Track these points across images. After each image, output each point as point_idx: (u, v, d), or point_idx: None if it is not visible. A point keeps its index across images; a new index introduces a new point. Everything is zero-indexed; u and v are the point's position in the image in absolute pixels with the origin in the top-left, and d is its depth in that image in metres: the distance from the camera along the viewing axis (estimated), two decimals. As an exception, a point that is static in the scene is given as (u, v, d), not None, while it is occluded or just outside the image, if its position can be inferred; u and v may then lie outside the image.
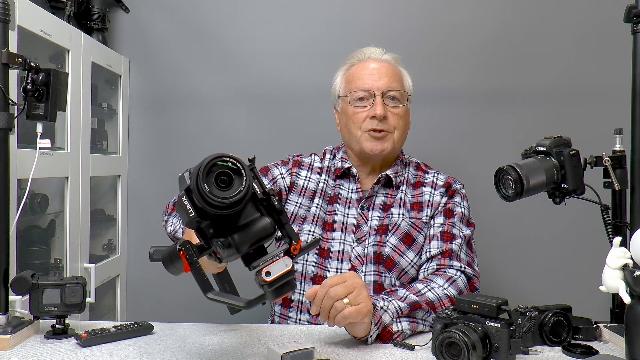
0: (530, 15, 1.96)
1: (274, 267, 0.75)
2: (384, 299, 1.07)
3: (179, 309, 2.01)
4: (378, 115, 1.27)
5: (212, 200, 0.69)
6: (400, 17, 1.99)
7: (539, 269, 1.96)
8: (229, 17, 2.04)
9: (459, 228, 1.27)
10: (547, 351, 1.00)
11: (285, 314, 1.31)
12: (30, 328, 1.07)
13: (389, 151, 1.31)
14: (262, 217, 0.75)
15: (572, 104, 1.94)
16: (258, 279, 0.75)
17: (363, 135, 1.30)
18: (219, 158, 0.71)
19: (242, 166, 0.71)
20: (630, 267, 0.90)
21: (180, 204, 0.73)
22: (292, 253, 0.77)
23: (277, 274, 0.74)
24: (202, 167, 0.70)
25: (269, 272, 0.74)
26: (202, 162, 0.70)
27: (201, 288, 0.79)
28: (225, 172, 0.71)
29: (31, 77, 1.08)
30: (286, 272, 0.75)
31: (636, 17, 1.08)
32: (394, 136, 1.31)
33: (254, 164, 0.77)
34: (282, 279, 0.75)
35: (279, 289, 0.76)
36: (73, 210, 1.64)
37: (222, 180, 0.71)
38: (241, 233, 0.74)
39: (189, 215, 0.72)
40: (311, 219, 1.32)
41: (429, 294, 1.12)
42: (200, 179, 0.69)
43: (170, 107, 2.06)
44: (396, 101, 1.31)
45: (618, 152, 1.10)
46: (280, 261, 0.75)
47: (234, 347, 1.02)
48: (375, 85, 1.29)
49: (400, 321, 1.05)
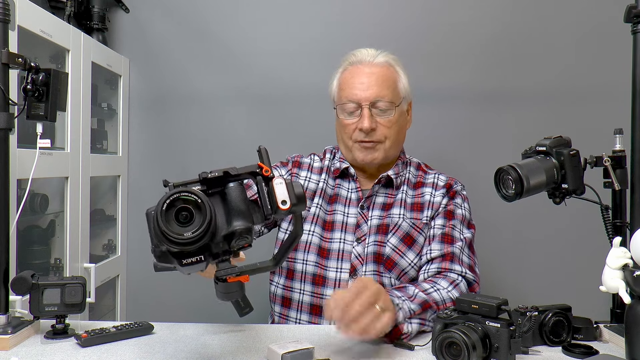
0: (530, 15, 1.96)
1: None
2: (398, 296, 1.06)
3: (179, 309, 2.01)
4: (365, 129, 1.27)
5: (169, 236, 0.68)
6: (400, 17, 1.99)
7: (539, 269, 1.96)
8: (229, 17, 2.04)
9: (460, 230, 1.27)
10: (547, 351, 1.00)
11: (285, 314, 1.31)
12: (30, 328, 1.07)
13: (381, 160, 1.31)
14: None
15: (572, 104, 1.94)
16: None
17: (354, 146, 1.31)
18: (181, 193, 0.69)
19: (203, 201, 0.70)
20: (630, 267, 0.90)
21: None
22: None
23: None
24: (162, 202, 0.69)
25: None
26: (161, 199, 0.69)
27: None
28: (186, 207, 0.69)
29: (31, 77, 1.08)
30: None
31: (636, 17, 1.08)
32: (385, 145, 1.30)
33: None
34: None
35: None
36: (73, 210, 1.64)
37: (183, 215, 0.69)
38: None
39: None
40: (311, 218, 1.32)
41: (435, 295, 1.12)
42: (159, 215, 0.68)
43: (170, 107, 2.06)
44: (385, 111, 1.29)
45: (618, 152, 1.10)
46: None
47: (234, 347, 1.02)
48: (363, 96, 1.28)
49: (411, 322, 1.05)
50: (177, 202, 0.69)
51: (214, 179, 0.75)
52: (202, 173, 0.75)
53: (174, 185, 0.73)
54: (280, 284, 1.32)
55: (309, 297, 1.27)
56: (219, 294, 0.76)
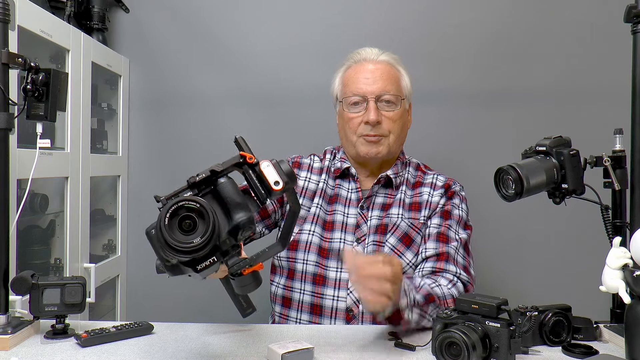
0: (530, 15, 1.96)
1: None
2: (407, 284, 1.06)
3: (179, 309, 2.01)
4: (371, 121, 1.27)
5: (178, 246, 0.68)
6: (400, 17, 1.99)
7: (539, 269, 1.96)
8: (229, 17, 2.03)
9: (455, 231, 1.27)
10: (547, 351, 1.00)
11: (286, 314, 1.31)
12: (30, 328, 1.07)
13: (385, 154, 1.31)
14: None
15: (572, 104, 1.94)
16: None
17: (358, 140, 1.31)
18: (184, 201, 0.69)
19: (203, 205, 0.70)
20: (630, 267, 0.90)
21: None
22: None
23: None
24: (165, 211, 0.69)
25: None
26: (164, 208, 0.69)
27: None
28: (189, 215, 0.69)
29: (31, 77, 1.08)
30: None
31: (636, 17, 1.08)
32: (389, 140, 1.31)
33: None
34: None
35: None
36: (73, 210, 1.64)
37: (187, 224, 0.69)
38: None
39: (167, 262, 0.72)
40: (311, 218, 1.32)
41: (437, 290, 1.13)
42: (164, 228, 0.68)
43: (170, 107, 2.06)
44: (391, 104, 1.30)
45: (618, 152, 1.10)
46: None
47: (234, 347, 1.02)
48: (369, 90, 1.29)
49: (413, 311, 1.05)
50: (181, 211, 0.69)
51: (203, 181, 0.75)
52: (189, 179, 0.75)
53: (166, 198, 0.73)
54: (281, 284, 1.32)
55: (310, 297, 1.27)
56: (238, 289, 0.77)
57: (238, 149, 0.78)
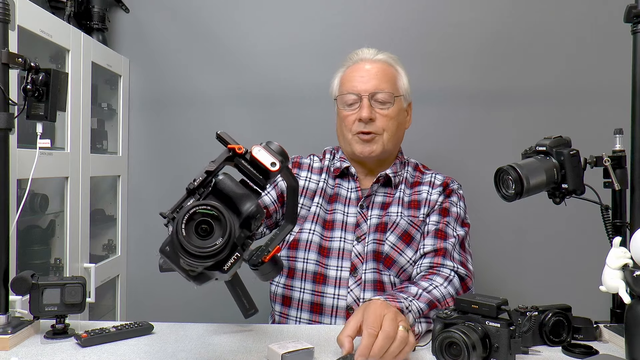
0: (530, 15, 1.96)
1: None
2: (405, 298, 1.04)
3: (179, 309, 2.01)
4: (364, 118, 1.28)
5: (195, 252, 0.67)
6: (400, 17, 1.99)
7: (539, 269, 1.96)
8: (229, 17, 2.04)
9: (453, 228, 1.28)
10: (547, 351, 1.00)
11: (286, 313, 1.31)
12: (30, 328, 1.07)
13: (379, 153, 1.31)
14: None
15: (572, 104, 1.94)
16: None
17: (353, 138, 1.32)
18: (196, 207, 0.68)
19: (222, 213, 0.69)
20: (630, 267, 0.90)
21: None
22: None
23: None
24: (181, 218, 0.67)
25: None
26: (179, 215, 0.68)
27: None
28: (205, 220, 0.68)
29: (31, 77, 1.08)
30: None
31: (636, 17, 1.08)
32: (383, 138, 1.31)
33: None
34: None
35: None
36: (73, 210, 1.64)
37: (203, 229, 0.69)
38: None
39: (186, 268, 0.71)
40: (311, 217, 1.32)
41: (435, 292, 1.12)
42: (183, 239, 0.67)
43: (170, 107, 2.06)
44: (385, 102, 1.31)
45: (618, 152, 1.10)
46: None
47: (234, 347, 1.02)
48: (363, 88, 1.30)
49: (421, 322, 1.05)
50: (196, 216, 0.68)
51: (200, 184, 0.75)
52: (188, 186, 0.74)
53: (171, 212, 0.72)
54: (281, 283, 1.32)
55: (310, 296, 1.27)
56: (261, 277, 0.78)
57: (224, 144, 0.78)
